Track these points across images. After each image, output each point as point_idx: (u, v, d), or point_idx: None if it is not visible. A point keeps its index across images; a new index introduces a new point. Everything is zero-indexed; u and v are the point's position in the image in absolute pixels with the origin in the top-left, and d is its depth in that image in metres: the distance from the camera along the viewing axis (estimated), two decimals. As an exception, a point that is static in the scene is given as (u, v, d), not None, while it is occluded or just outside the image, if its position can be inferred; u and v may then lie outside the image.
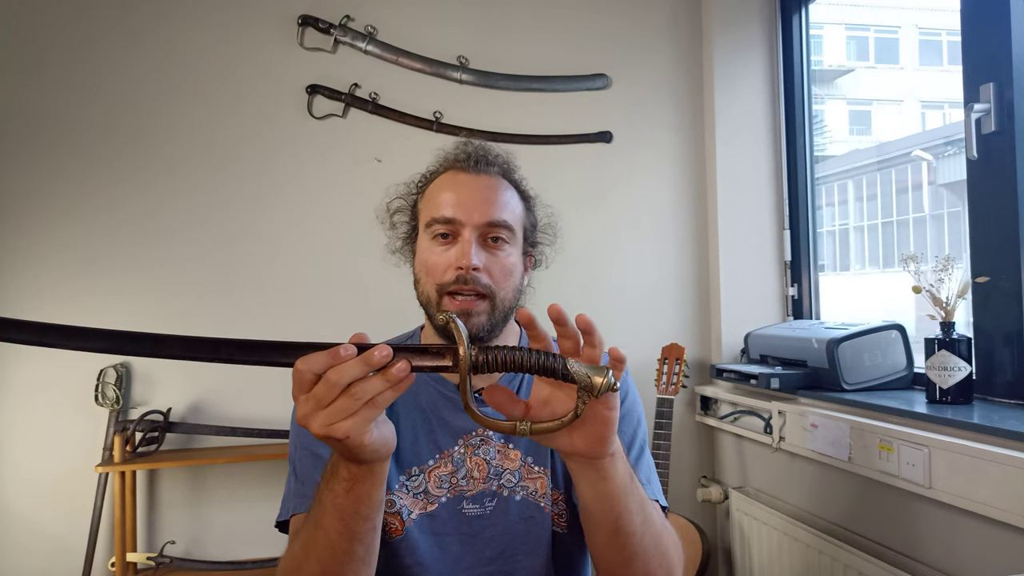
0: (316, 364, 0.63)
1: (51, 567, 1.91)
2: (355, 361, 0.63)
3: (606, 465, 0.75)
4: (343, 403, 0.63)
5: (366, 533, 0.76)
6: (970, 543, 1.32)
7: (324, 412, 0.63)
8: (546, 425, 0.69)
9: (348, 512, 0.74)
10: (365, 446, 0.66)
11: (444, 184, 0.97)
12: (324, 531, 0.76)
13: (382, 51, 2.12)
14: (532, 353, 0.66)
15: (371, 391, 0.63)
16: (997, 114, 1.44)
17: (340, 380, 0.62)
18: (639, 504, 0.80)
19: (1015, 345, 1.44)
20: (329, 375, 0.63)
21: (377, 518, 0.77)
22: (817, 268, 2.25)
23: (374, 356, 0.63)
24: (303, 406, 0.64)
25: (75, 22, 1.98)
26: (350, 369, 0.63)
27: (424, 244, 0.97)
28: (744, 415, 2.04)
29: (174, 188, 2.02)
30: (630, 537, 0.80)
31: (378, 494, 0.75)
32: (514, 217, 0.97)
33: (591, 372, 0.66)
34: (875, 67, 5.25)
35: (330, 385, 0.63)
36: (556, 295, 1.31)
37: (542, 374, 0.67)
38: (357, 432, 0.64)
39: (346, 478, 0.72)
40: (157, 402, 1.97)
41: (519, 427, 0.68)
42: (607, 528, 0.79)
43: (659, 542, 0.83)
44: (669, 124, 2.33)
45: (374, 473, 0.72)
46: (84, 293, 1.96)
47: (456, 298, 0.92)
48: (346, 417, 0.63)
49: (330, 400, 0.63)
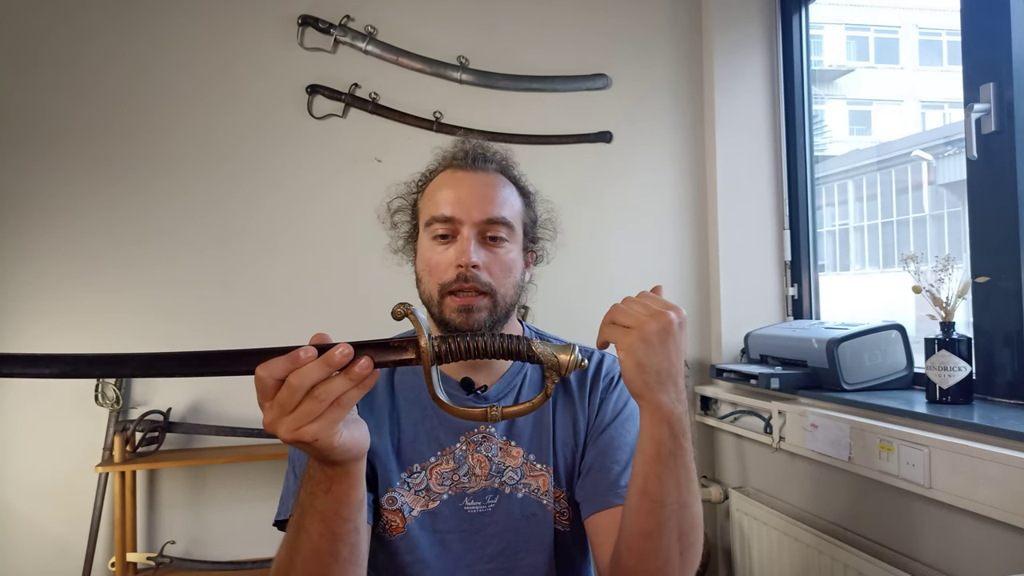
0: (276, 369, 0.62)
1: (51, 567, 1.91)
2: (316, 363, 0.62)
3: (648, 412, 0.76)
4: (307, 406, 0.62)
5: (348, 534, 0.76)
6: (970, 543, 1.32)
7: (289, 417, 0.63)
8: (516, 409, 0.70)
9: (328, 513, 0.74)
10: (335, 447, 0.66)
11: (442, 182, 0.98)
12: (306, 534, 0.75)
13: (382, 51, 2.12)
14: (495, 338, 0.67)
15: (335, 391, 0.63)
16: (997, 114, 1.44)
17: (302, 383, 0.62)
18: (677, 485, 0.77)
19: (1015, 345, 1.44)
20: (291, 379, 0.62)
21: (359, 519, 0.77)
22: (817, 268, 2.25)
23: (335, 356, 0.63)
24: (268, 413, 0.64)
25: (71, 20, 1.98)
26: (311, 371, 0.62)
27: (425, 243, 0.97)
28: (744, 415, 2.04)
29: (172, 187, 2.02)
30: (658, 506, 0.77)
31: (356, 494, 0.74)
32: (513, 213, 0.98)
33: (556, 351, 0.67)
34: (875, 67, 5.25)
35: (292, 390, 0.62)
36: (556, 295, 1.31)
37: (507, 357, 0.68)
38: (325, 434, 0.64)
39: (322, 480, 0.72)
40: (157, 402, 1.97)
41: (490, 413, 0.69)
42: (638, 483, 0.79)
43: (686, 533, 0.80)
44: (669, 124, 2.33)
45: (350, 473, 0.72)
46: (82, 291, 1.96)
47: (458, 296, 0.92)
48: (312, 420, 0.63)
49: (294, 405, 0.62)
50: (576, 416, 1.00)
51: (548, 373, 0.68)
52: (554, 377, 0.68)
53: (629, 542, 0.81)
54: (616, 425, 0.98)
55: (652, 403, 0.75)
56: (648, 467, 0.77)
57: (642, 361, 0.73)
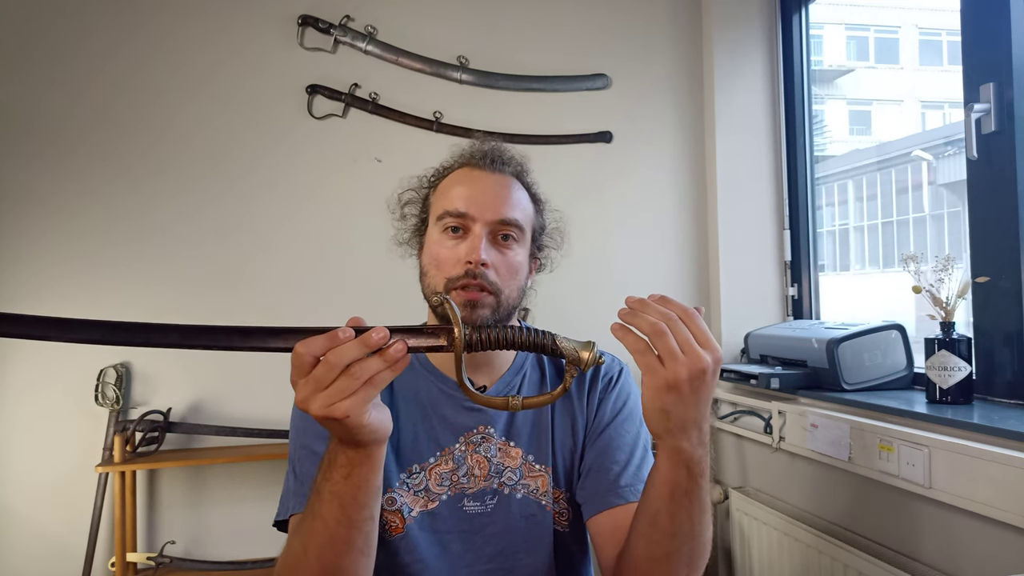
0: (315, 347, 0.65)
1: (51, 567, 1.91)
2: (354, 343, 0.65)
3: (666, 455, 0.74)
4: (342, 383, 0.65)
5: (364, 522, 0.76)
6: (970, 543, 1.32)
7: (324, 393, 0.65)
8: (537, 399, 0.72)
9: (347, 499, 0.74)
10: (364, 426, 0.68)
11: (458, 179, 0.98)
12: (323, 520, 0.76)
13: (382, 51, 2.12)
14: (522, 331, 0.70)
15: (369, 371, 0.65)
16: (997, 114, 1.44)
17: (339, 361, 0.64)
18: (689, 519, 0.76)
19: (1015, 345, 1.44)
20: (328, 356, 0.64)
21: (375, 507, 0.77)
22: (817, 268, 2.25)
23: (372, 337, 0.65)
24: (302, 389, 0.66)
25: (68, 18, 1.98)
26: (349, 350, 0.64)
27: (434, 237, 0.97)
28: (744, 415, 2.04)
29: (170, 187, 2.02)
30: (667, 537, 0.77)
31: (376, 480, 0.75)
32: (525, 217, 0.98)
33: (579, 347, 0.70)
34: (875, 67, 5.25)
35: (330, 366, 0.64)
36: (556, 295, 1.31)
37: (532, 350, 0.71)
38: (357, 412, 0.66)
39: (344, 464, 0.73)
40: (157, 402, 1.97)
41: (511, 402, 0.72)
42: (648, 513, 0.78)
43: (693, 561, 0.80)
44: (669, 124, 2.33)
45: (371, 457, 0.73)
46: (80, 290, 1.96)
47: (464, 290, 0.92)
48: (345, 397, 0.65)
49: (329, 381, 0.65)
50: (575, 416, 1.00)
51: (568, 368, 0.70)
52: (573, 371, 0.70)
53: (636, 563, 0.81)
54: (615, 425, 0.99)
55: (671, 447, 0.72)
56: (660, 503, 0.76)
57: (667, 409, 0.70)
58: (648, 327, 0.68)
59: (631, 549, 0.82)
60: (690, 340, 0.69)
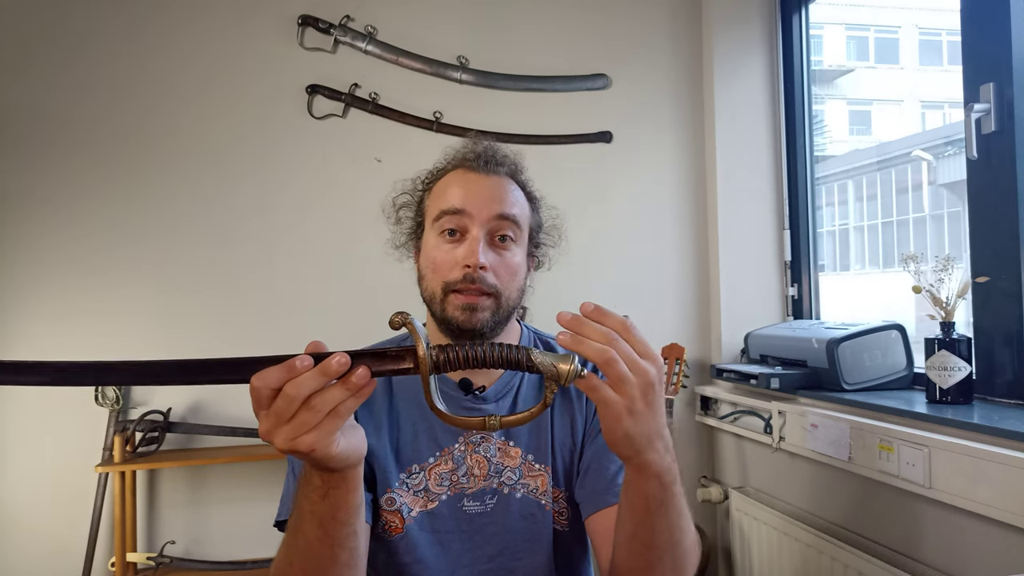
0: (271, 379, 0.61)
1: (51, 567, 1.91)
2: (312, 373, 0.61)
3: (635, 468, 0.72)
4: (304, 416, 0.61)
5: (347, 538, 0.75)
6: (970, 543, 1.32)
7: (286, 427, 0.61)
8: (515, 418, 0.68)
9: (326, 518, 0.73)
10: (332, 456, 0.65)
11: (453, 180, 0.97)
12: (304, 537, 0.75)
13: (382, 51, 2.12)
14: (494, 347, 0.65)
15: (332, 401, 0.61)
16: (997, 114, 1.44)
17: (299, 393, 0.60)
18: (669, 528, 0.76)
19: (1015, 345, 1.44)
20: (287, 389, 0.60)
21: (356, 523, 0.76)
22: (817, 268, 2.25)
23: (331, 365, 0.61)
24: (264, 422, 0.62)
25: (70, 20, 1.98)
26: (308, 381, 0.60)
27: (431, 241, 0.96)
28: (744, 415, 2.04)
29: (172, 187, 2.02)
30: (648, 549, 0.78)
31: (354, 499, 0.73)
32: (522, 214, 0.97)
33: (556, 360, 0.65)
34: (875, 67, 5.25)
35: (289, 400, 0.60)
36: (556, 295, 1.31)
37: (507, 367, 0.66)
38: (322, 444, 0.62)
39: (319, 486, 0.71)
40: (157, 402, 1.97)
41: (488, 422, 0.67)
42: (627, 529, 0.78)
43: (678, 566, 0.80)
44: (669, 124, 2.33)
45: (347, 479, 0.71)
46: (81, 292, 1.96)
47: (463, 294, 0.91)
48: (309, 431, 0.61)
49: (290, 415, 0.61)
50: (574, 416, 1.00)
51: (547, 383, 0.66)
52: (553, 387, 0.66)
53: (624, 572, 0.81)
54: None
55: (640, 464, 0.71)
56: (638, 518, 0.76)
57: (631, 433, 0.68)
58: (596, 355, 0.65)
59: (616, 560, 0.82)
60: (634, 357, 0.66)
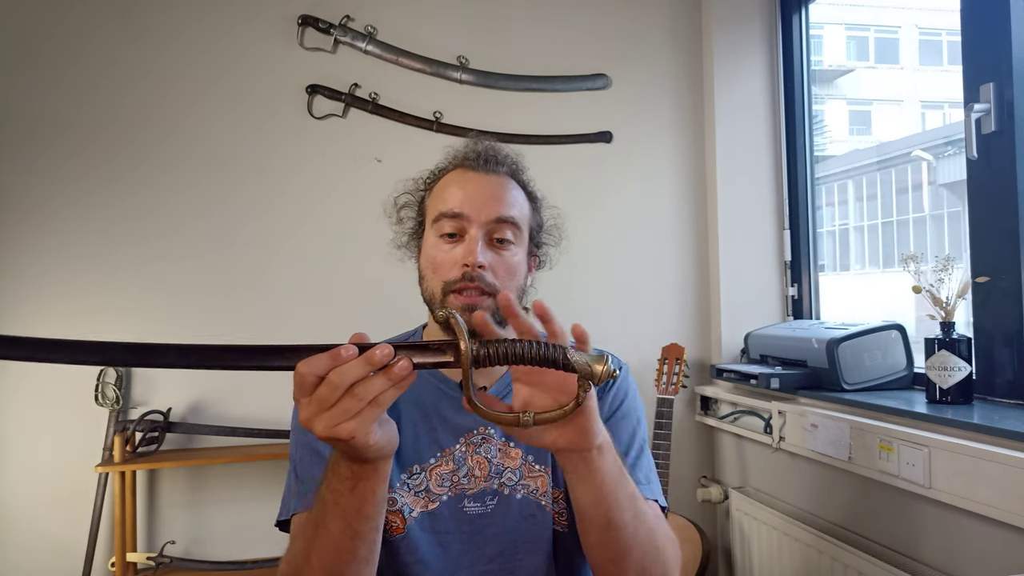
0: (318, 366, 0.62)
1: (51, 567, 1.91)
2: (357, 361, 0.62)
3: (594, 457, 0.74)
4: (346, 404, 0.63)
5: (369, 532, 0.76)
6: (970, 543, 1.32)
7: (328, 414, 0.63)
8: (550, 415, 0.69)
9: (351, 511, 0.74)
10: (370, 445, 0.66)
11: (452, 181, 0.98)
12: (327, 531, 0.76)
13: (382, 51, 2.12)
14: (533, 345, 0.66)
15: (374, 391, 0.63)
16: (997, 114, 1.44)
17: (343, 381, 0.62)
18: (630, 498, 0.79)
19: (1015, 345, 1.44)
20: (331, 376, 0.62)
21: (379, 517, 0.77)
22: (817, 268, 2.25)
23: (376, 355, 0.63)
24: (306, 409, 0.64)
25: (71, 19, 1.98)
26: (352, 370, 0.62)
27: (431, 241, 0.96)
28: (744, 415, 2.04)
29: (173, 187, 2.02)
30: (621, 531, 0.79)
31: (381, 491, 0.74)
32: (521, 215, 0.98)
33: (591, 361, 0.66)
34: (875, 67, 5.25)
35: (333, 387, 0.62)
36: (556, 294, 1.31)
37: (543, 365, 0.67)
38: (362, 432, 0.64)
39: (349, 476, 0.72)
40: (157, 402, 1.97)
41: (523, 418, 0.68)
42: (599, 523, 0.79)
43: (652, 537, 0.83)
44: (669, 124, 2.33)
45: (378, 471, 0.72)
46: (83, 293, 1.96)
47: (461, 294, 0.92)
48: (350, 418, 0.63)
49: (333, 402, 0.63)
50: (575, 416, 1.00)
51: (581, 382, 0.67)
52: (586, 386, 0.67)
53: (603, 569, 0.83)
54: (612, 423, 0.98)
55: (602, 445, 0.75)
56: (609, 500, 0.77)
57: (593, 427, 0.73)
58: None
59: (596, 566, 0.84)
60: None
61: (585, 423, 0.71)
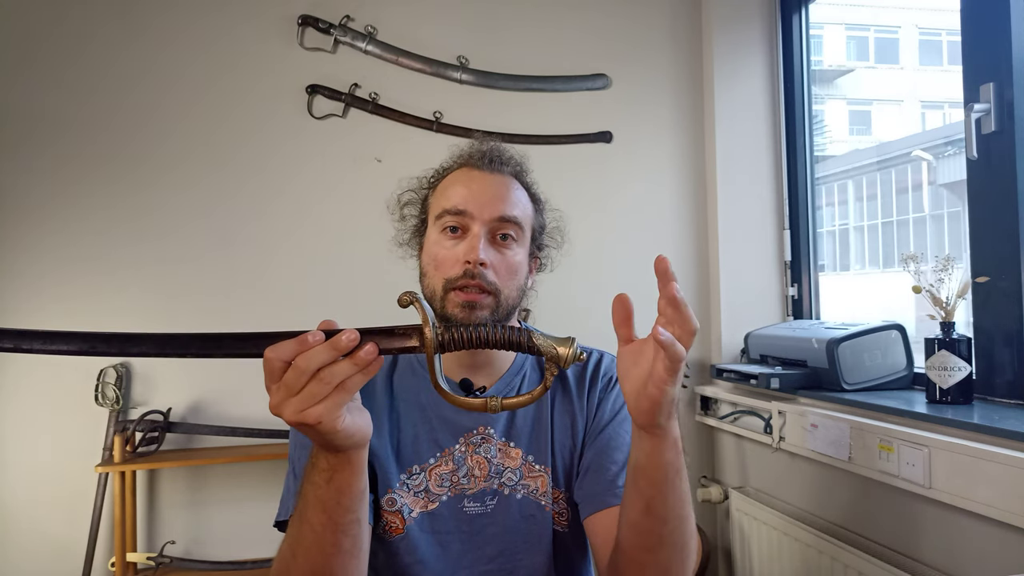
0: (284, 352, 0.64)
1: (51, 567, 1.91)
2: (323, 346, 0.64)
3: (658, 439, 0.73)
4: (313, 388, 0.64)
5: (350, 524, 0.76)
6: (970, 543, 1.32)
7: (295, 399, 0.65)
8: (516, 400, 0.70)
9: (330, 504, 0.74)
10: (338, 431, 0.67)
11: (457, 179, 0.98)
12: (309, 525, 0.76)
13: (382, 51, 2.12)
14: (496, 328, 0.68)
15: (340, 375, 0.65)
16: (997, 114, 1.44)
17: (308, 366, 0.64)
18: (678, 499, 0.77)
19: (1015, 345, 1.44)
20: (298, 361, 0.64)
21: (360, 510, 0.77)
22: (817, 268, 2.25)
23: (341, 340, 0.64)
24: (275, 395, 0.66)
25: (71, 19, 1.98)
26: (318, 355, 0.64)
27: (433, 238, 0.97)
28: (744, 415, 2.04)
29: (173, 187, 2.02)
30: (662, 523, 0.77)
31: (358, 484, 0.75)
32: (524, 215, 0.98)
33: (556, 343, 0.68)
34: (875, 67, 5.25)
35: (299, 371, 0.64)
36: (555, 294, 1.31)
37: (508, 348, 0.68)
38: (329, 417, 0.65)
39: (325, 468, 0.73)
40: (157, 402, 1.97)
41: (490, 403, 0.69)
42: (639, 504, 0.77)
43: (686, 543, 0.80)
44: (669, 124, 2.33)
45: (351, 462, 0.73)
46: (83, 293, 1.96)
47: (463, 291, 0.92)
48: (317, 402, 0.65)
49: (300, 386, 0.64)
50: (575, 416, 1.00)
51: (547, 365, 0.68)
52: (553, 369, 0.68)
53: (631, 555, 0.80)
54: (614, 425, 0.98)
55: (664, 430, 0.72)
56: (655, 490, 0.75)
57: (670, 396, 0.69)
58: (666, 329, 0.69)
59: (623, 544, 0.81)
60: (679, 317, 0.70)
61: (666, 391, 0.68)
